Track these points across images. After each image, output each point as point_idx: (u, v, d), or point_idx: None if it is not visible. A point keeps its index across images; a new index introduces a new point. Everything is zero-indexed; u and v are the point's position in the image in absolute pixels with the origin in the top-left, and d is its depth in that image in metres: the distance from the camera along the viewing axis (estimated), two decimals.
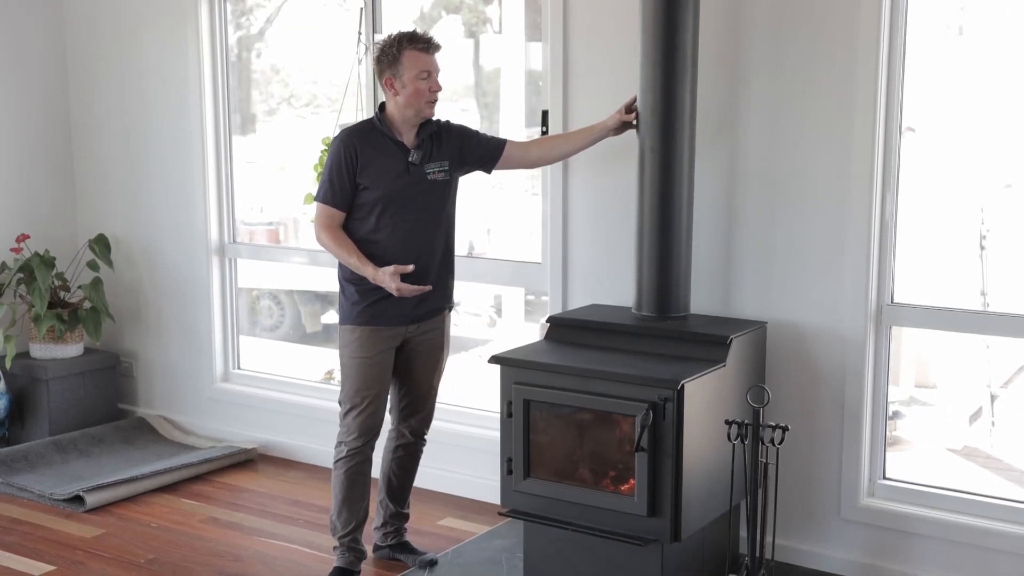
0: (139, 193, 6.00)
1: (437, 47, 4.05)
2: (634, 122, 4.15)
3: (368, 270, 4.00)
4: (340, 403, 4.19)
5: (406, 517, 4.44)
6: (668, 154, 4.04)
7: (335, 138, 4.13)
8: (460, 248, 5.88)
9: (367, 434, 4.15)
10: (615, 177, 4.47)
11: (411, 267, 4.00)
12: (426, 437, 4.38)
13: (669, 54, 3.99)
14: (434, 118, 4.15)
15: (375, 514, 4.40)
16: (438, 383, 4.33)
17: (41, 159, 6.11)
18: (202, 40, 5.65)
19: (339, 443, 4.19)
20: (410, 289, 3.99)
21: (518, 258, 5.27)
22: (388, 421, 4.32)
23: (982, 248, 5.47)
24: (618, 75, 4.39)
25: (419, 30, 4.07)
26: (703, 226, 4.32)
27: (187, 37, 5.68)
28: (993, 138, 4.96)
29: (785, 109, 4.16)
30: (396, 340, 4.16)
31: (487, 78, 6.01)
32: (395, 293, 3.98)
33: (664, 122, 4.03)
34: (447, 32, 5.87)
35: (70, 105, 6.18)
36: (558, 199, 4.69)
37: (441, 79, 4.06)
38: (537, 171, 4.95)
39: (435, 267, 4.15)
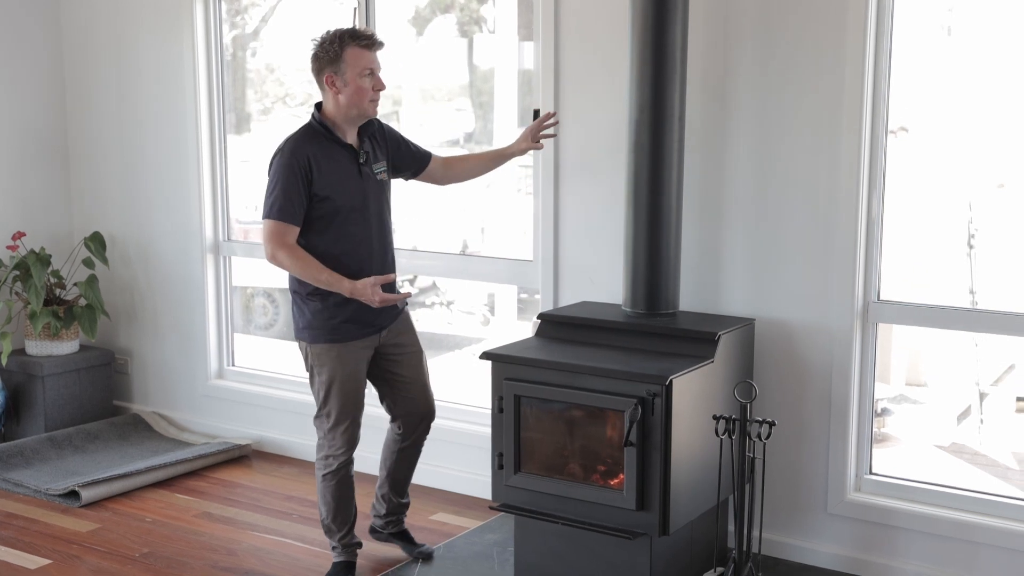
0: (135, 191, 6.04)
1: (380, 44, 3.95)
2: (544, 133, 4.33)
3: (344, 285, 3.84)
4: (322, 418, 4.12)
5: (407, 506, 4.46)
6: (657, 153, 4.08)
7: (281, 150, 3.92)
8: (455, 246, 5.96)
9: (354, 445, 4.15)
10: (605, 176, 4.52)
11: (393, 276, 3.93)
12: (431, 428, 4.36)
13: (659, 54, 4.03)
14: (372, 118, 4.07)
15: (376, 505, 4.44)
16: (428, 377, 4.30)
17: (37, 157, 6.14)
18: (197, 39, 5.68)
19: (326, 456, 4.13)
20: (391, 298, 3.90)
21: (511, 256, 5.31)
22: (392, 426, 4.35)
23: (970, 247, 5.51)
24: (609, 75, 4.44)
25: (359, 27, 3.98)
26: (692, 224, 4.36)
27: (182, 36, 5.71)
28: (982, 138, 5.00)
29: (773, 109, 4.20)
30: (369, 350, 4.10)
31: (482, 78, 6.04)
32: (376, 305, 3.87)
33: (653, 121, 4.07)
34: (441, 32, 5.91)
35: (66, 104, 6.21)
36: (549, 198, 4.73)
37: (435, 79, 4.02)
38: (529, 171, 4.99)
39: (392, 269, 4.11)
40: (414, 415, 4.29)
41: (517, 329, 6.12)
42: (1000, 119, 4.84)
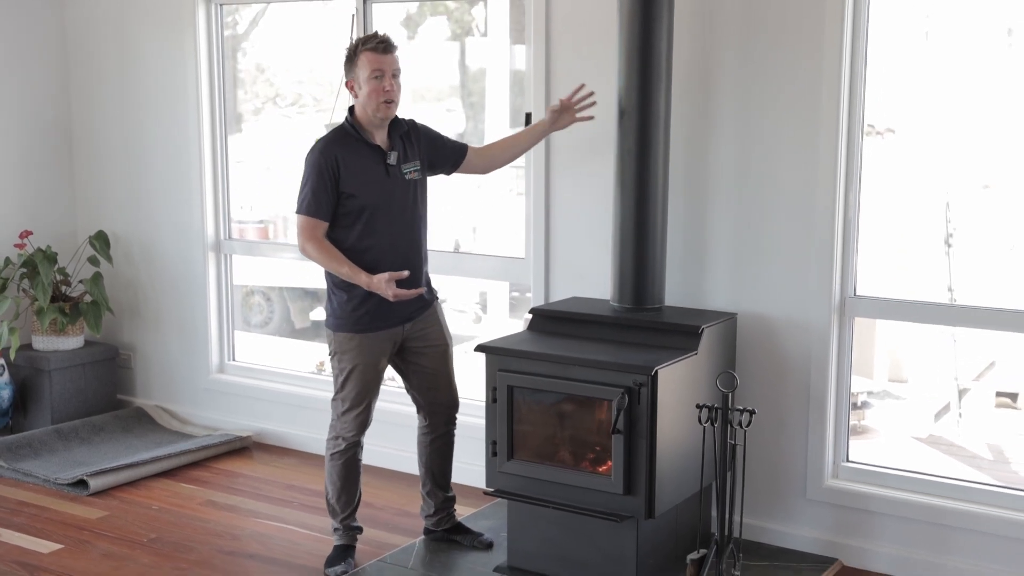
0: (138, 191, 6.17)
1: (391, 47, 4.08)
2: (580, 114, 4.39)
3: (361, 278, 4.05)
4: (337, 401, 4.31)
5: (454, 499, 4.59)
6: (644, 155, 4.24)
7: (312, 150, 4.14)
8: (447, 245, 6.09)
9: (364, 428, 4.32)
10: (595, 177, 4.66)
11: (406, 273, 4.07)
12: (456, 419, 4.52)
13: (645, 59, 4.19)
14: (403, 118, 4.23)
15: (424, 505, 4.57)
16: (453, 369, 4.45)
17: (43, 158, 6.27)
18: (199, 41, 5.81)
19: (336, 437, 4.31)
20: (405, 293, 4.07)
21: (503, 254, 5.43)
22: (418, 418, 4.50)
23: (948, 246, 5.66)
24: (598, 78, 4.54)
25: (379, 32, 4.14)
26: (677, 223, 4.51)
27: (184, 38, 5.83)
28: (959, 139, 5.15)
29: (754, 112, 4.36)
30: (393, 342, 4.27)
31: (472, 79, 6.16)
32: (391, 299, 4.05)
33: (640, 124, 4.23)
34: (433, 34, 6.03)
35: (71, 106, 6.34)
36: (541, 198, 4.88)
37: (426, 80, 4.12)
38: (520, 171, 5.14)
39: (421, 265, 4.27)
40: (437, 406, 4.45)
41: (509, 327, 6.23)
42: (976, 121, 5.00)
